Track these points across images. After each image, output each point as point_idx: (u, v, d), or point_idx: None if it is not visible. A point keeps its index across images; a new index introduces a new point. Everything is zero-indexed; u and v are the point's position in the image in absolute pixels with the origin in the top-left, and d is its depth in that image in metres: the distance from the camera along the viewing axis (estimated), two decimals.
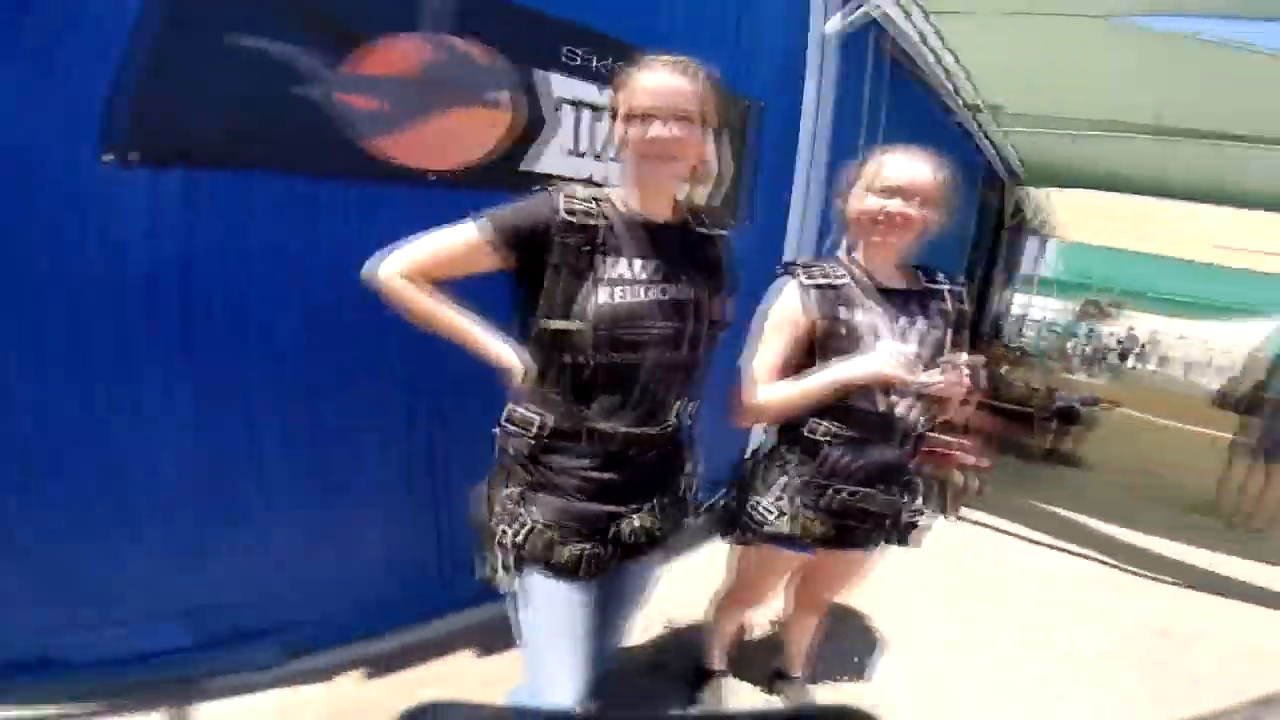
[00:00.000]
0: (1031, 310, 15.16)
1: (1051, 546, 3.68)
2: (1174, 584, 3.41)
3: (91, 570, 1.65)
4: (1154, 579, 3.42)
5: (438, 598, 2.25)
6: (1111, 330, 18.82)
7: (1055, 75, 4.03)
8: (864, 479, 1.47)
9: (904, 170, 1.40)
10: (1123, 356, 18.33)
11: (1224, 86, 3.56)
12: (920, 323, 1.47)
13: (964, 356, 1.39)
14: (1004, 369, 7.79)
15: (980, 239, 8.11)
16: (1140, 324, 19.37)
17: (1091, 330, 18.06)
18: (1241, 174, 5.09)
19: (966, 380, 1.36)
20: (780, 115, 3.00)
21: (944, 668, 2.44)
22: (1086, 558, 3.59)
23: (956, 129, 5.61)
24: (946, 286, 1.56)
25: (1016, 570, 3.35)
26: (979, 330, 8.79)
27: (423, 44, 1.74)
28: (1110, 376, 14.77)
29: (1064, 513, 4.26)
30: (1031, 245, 12.80)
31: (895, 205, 1.38)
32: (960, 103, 4.85)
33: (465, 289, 1.20)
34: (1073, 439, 5.68)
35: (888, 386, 1.41)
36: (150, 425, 1.61)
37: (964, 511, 3.84)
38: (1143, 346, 19.57)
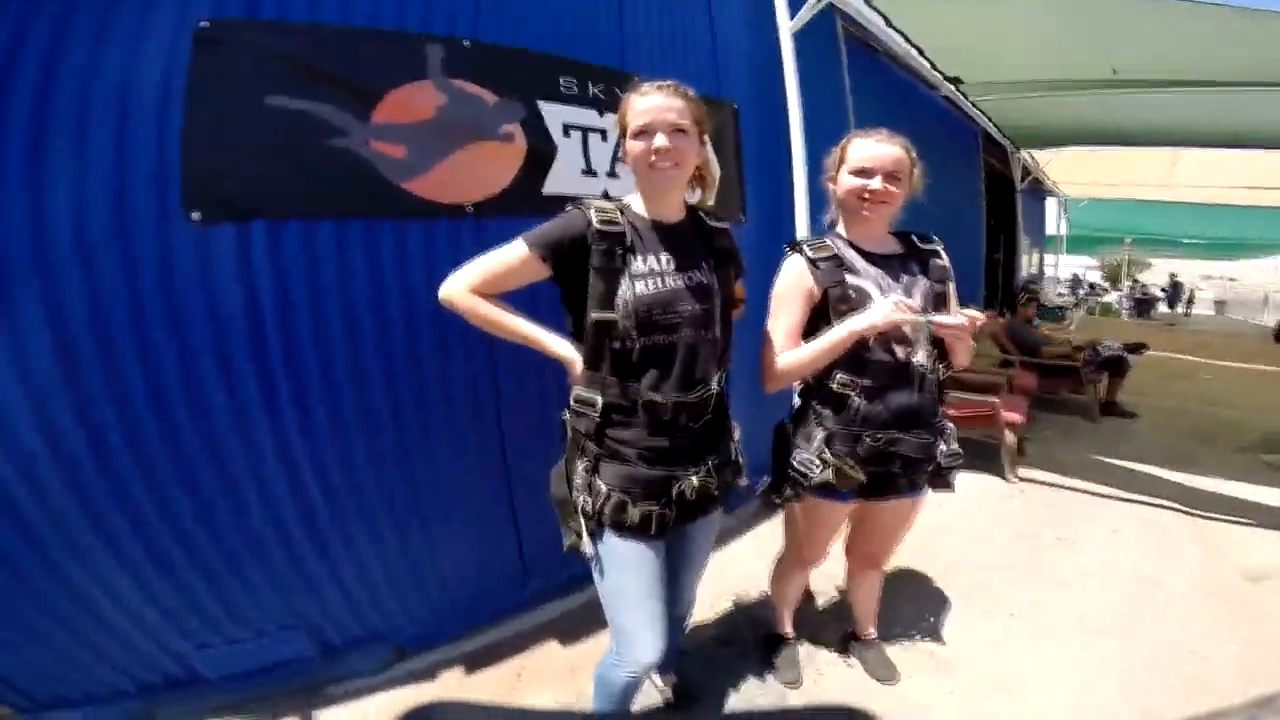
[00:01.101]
0: (1060, 269, 15.03)
1: (1117, 498, 3.56)
2: (1251, 524, 3.24)
3: (222, 593, 1.84)
4: (1233, 522, 3.28)
5: (521, 595, 2.41)
6: (1152, 281, 18.49)
7: (1008, 42, 4.15)
8: (891, 423, 1.58)
9: (869, 150, 1.57)
10: (1170, 304, 17.80)
11: (1177, 37, 3.65)
12: (918, 280, 1.61)
13: (967, 310, 1.53)
14: (1041, 328, 7.70)
15: (995, 203, 8.12)
16: (1172, 269, 19.09)
17: (1134, 280, 17.78)
18: (1212, 119, 5.24)
19: (965, 322, 1.48)
20: (761, 114, 3.15)
21: (1019, 626, 2.42)
22: (1155, 505, 3.46)
23: (943, 102, 5.71)
24: (936, 246, 1.69)
25: (1084, 525, 3.25)
26: (1012, 292, 8.70)
27: (434, 91, 1.95)
28: (1164, 324, 14.35)
29: (1126, 464, 4.14)
30: (1051, 206, 12.77)
31: (875, 183, 1.54)
32: (940, 77, 4.95)
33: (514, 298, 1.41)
34: (1123, 388, 5.54)
35: (899, 335, 1.54)
36: (263, 458, 1.80)
37: (1025, 473, 3.86)
38: (1191, 292, 18.99)
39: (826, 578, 2.53)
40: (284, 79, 1.71)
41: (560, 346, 1.40)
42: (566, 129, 2.21)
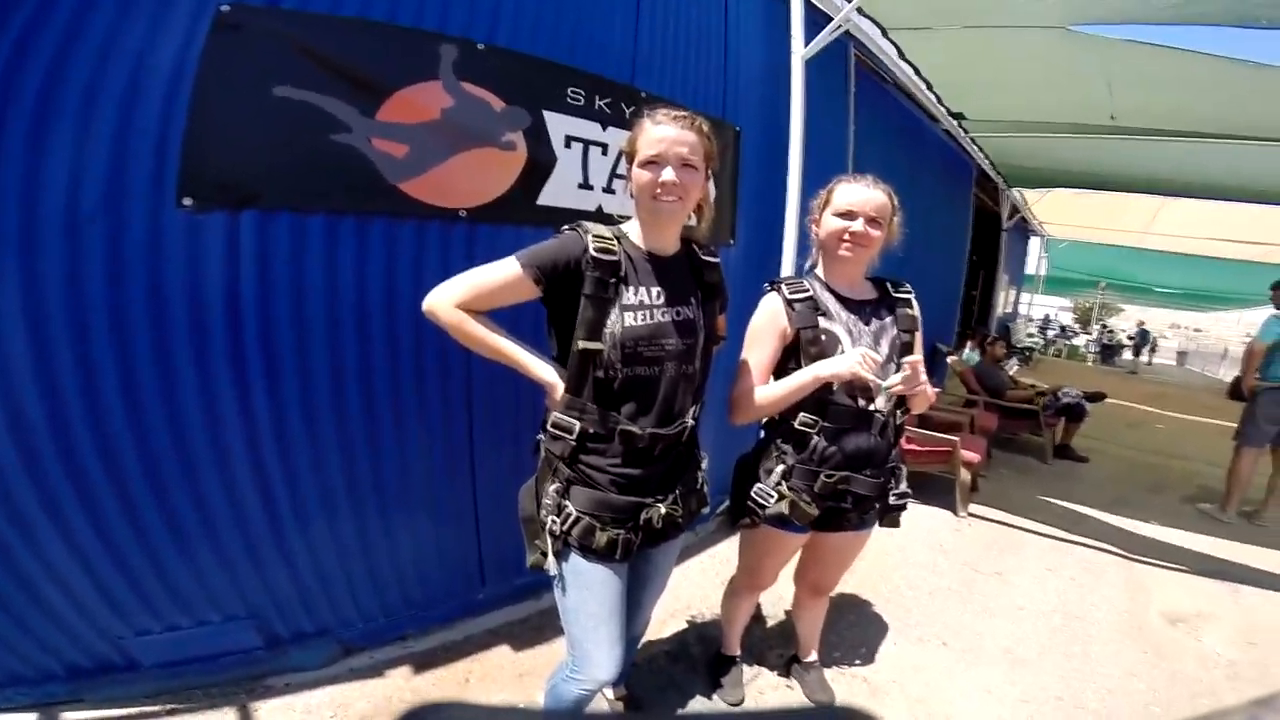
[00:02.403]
0: (1033, 309, 15.39)
1: (1058, 538, 3.74)
2: (1179, 569, 3.45)
3: (166, 577, 1.81)
4: (1163, 567, 3.47)
5: (475, 598, 2.43)
6: (1121, 326, 19.01)
7: (1014, 81, 4.28)
8: (847, 464, 1.65)
9: (854, 195, 1.62)
10: (1135, 352, 18.31)
11: (1174, 88, 3.80)
12: (886, 327, 1.69)
13: (915, 356, 1.61)
14: (1010, 368, 7.92)
15: (980, 239, 8.30)
16: (1142, 317, 19.66)
17: (1104, 326, 18.25)
18: (1202, 169, 5.46)
19: (922, 379, 1.56)
20: (762, 137, 3.18)
21: (950, 654, 2.53)
22: (1092, 546, 3.65)
23: (944, 136, 5.81)
24: (908, 295, 1.76)
25: (1023, 561, 3.42)
26: (985, 330, 8.92)
27: (442, 92, 1.94)
28: (1126, 371, 14.81)
29: (1071, 505, 4.33)
30: (1033, 245, 13.06)
31: (857, 226, 1.60)
32: (945, 111, 5.04)
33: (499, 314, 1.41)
34: (1078, 434, 5.76)
35: (861, 384, 1.60)
36: (227, 437, 1.78)
37: (975, 509, 4.01)
38: (1154, 341, 19.55)
39: (776, 600, 2.63)
40: (296, 70, 1.70)
41: (543, 370, 1.40)
42: (568, 140, 2.22)
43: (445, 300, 1.35)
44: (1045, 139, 5.43)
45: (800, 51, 3.11)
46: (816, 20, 3.20)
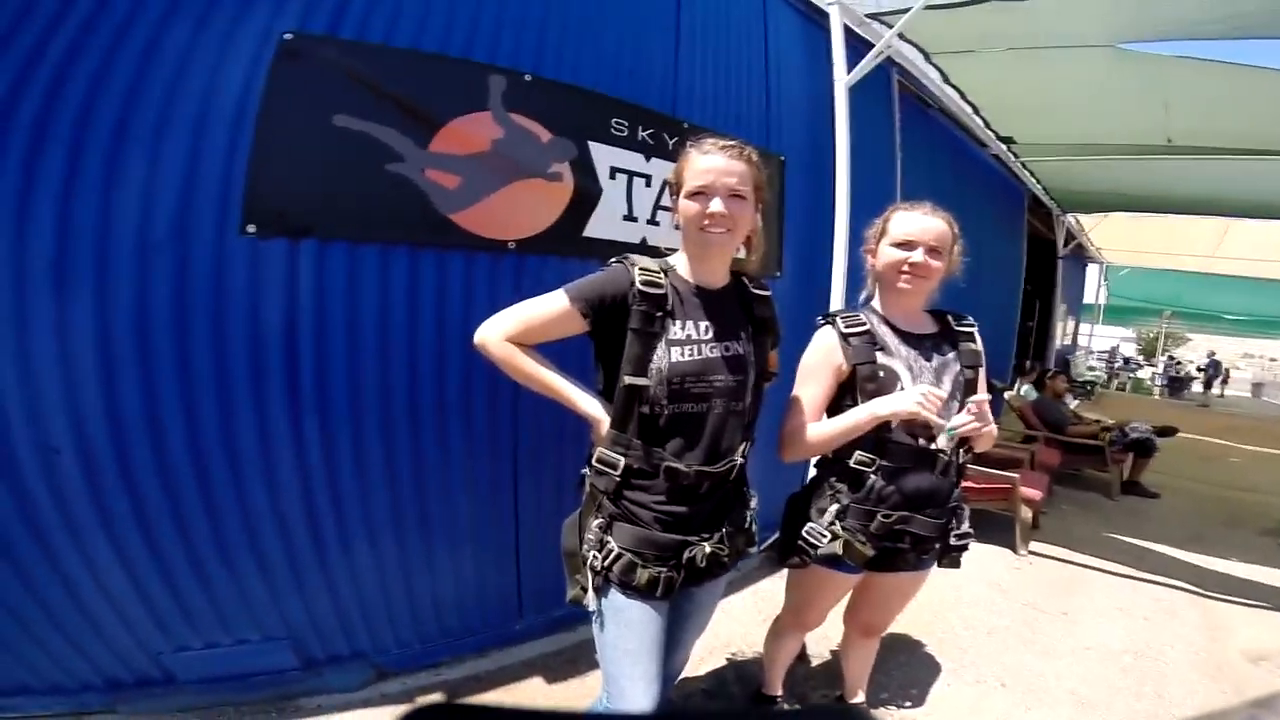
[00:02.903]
0: (1094, 340, 14.78)
1: (1126, 576, 3.54)
2: (1265, 608, 3.22)
3: (211, 595, 1.85)
4: (1242, 604, 3.26)
5: (512, 629, 2.41)
6: (1189, 357, 18.10)
7: (1064, 103, 4.17)
8: (906, 504, 1.57)
9: (913, 224, 1.56)
10: (1207, 384, 17.35)
11: (1233, 105, 3.66)
12: (949, 363, 1.61)
13: (980, 396, 1.53)
14: (1073, 404, 7.60)
15: (1035, 268, 8.04)
16: (1211, 347, 18.66)
17: (1170, 356, 17.41)
18: (1268, 188, 5.20)
19: (987, 419, 1.48)
20: (807, 166, 3.17)
21: (1009, 695, 2.39)
22: (1164, 584, 3.44)
23: (993, 161, 5.70)
24: (971, 328, 1.69)
25: (1089, 600, 3.23)
26: (1044, 364, 8.60)
27: (492, 123, 1.99)
28: (1197, 405, 14.03)
29: (1140, 542, 4.10)
30: (1091, 273, 12.59)
31: (917, 256, 1.54)
32: (993, 136, 4.95)
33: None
34: (1148, 470, 5.46)
35: (921, 423, 1.53)
36: (279, 462, 1.82)
37: (1037, 547, 3.82)
38: (1226, 372, 18.50)
39: (821, 638, 2.52)
40: (354, 99, 1.77)
41: (590, 405, 1.39)
42: (613, 172, 2.25)
43: (496, 334, 1.35)
44: (1099, 161, 5.25)
45: (843, 79, 3.11)
46: (857, 47, 3.21)
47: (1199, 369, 17.79)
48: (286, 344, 1.77)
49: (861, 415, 1.51)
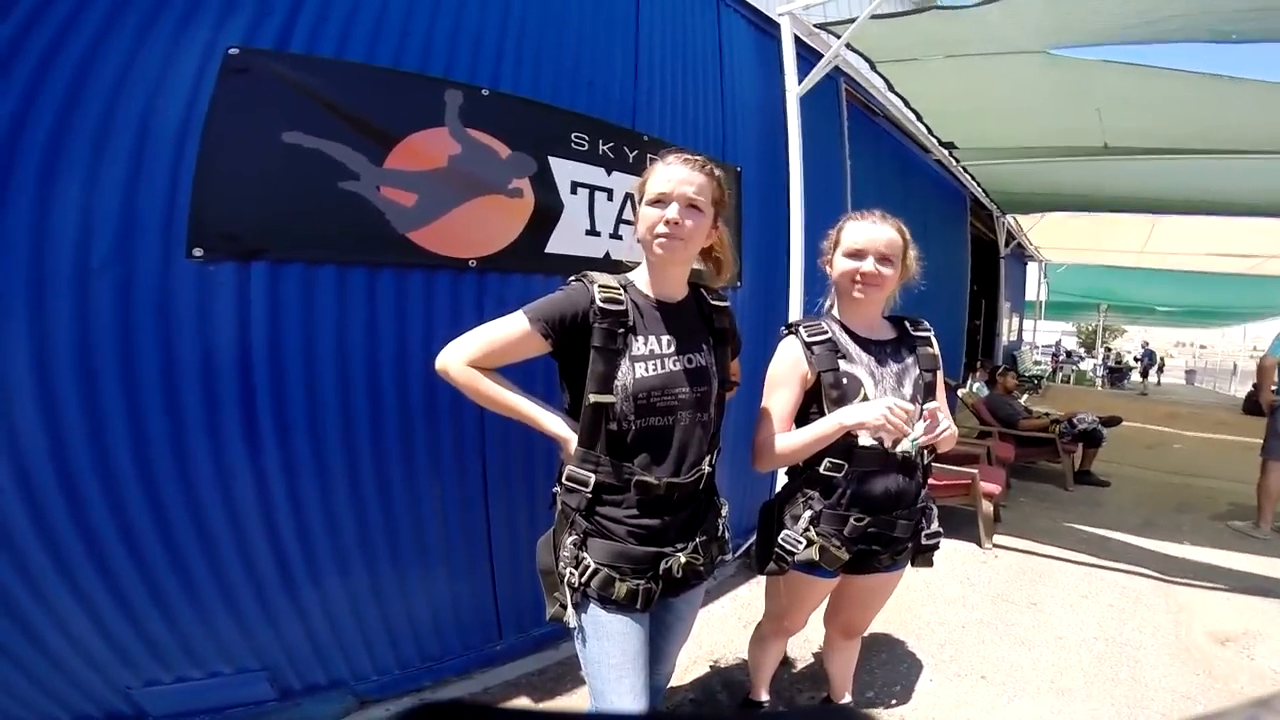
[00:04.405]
0: (1038, 335, 15.38)
1: (1089, 564, 3.65)
2: (1219, 588, 3.36)
3: (176, 629, 1.75)
4: (1201, 587, 3.38)
5: (493, 650, 2.36)
6: (1126, 348, 19.01)
7: (1002, 108, 4.36)
8: (877, 507, 1.60)
9: (862, 233, 1.60)
10: (1144, 374, 18.24)
11: (1156, 107, 3.88)
12: (909, 368, 1.65)
13: (933, 404, 1.57)
14: (1023, 398, 7.86)
15: (978, 268, 8.33)
16: (1145, 338, 19.66)
17: (1107, 349, 18.24)
18: (1191, 186, 5.52)
19: (943, 423, 1.52)
20: (762, 176, 3.22)
21: (990, 688, 2.43)
22: (1125, 571, 3.55)
23: (936, 166, 5.91)
24: (927, 333, 1.73)
25: (1056, 589, 3.32)
26: (993, 361, 8.90)
27: (449, 138, 1.95)
28: (1137, 393, 14.72)
29: (1098, 530, 4.24)
30: (1031, 271, 13.13)
31: (868, 266, 1.57)
32: (936, 141, 5.13)
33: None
34: (1099, 459, 5.68)
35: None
36: (238, 493, 1.74)
37: (1000, 539, 3.91)
38: (1161, 361, 19.49)
39: (803, 642, 2.53)
40: (304, 115, 1.71)
41: (556, 425, 1.38)
42: (574, 186, 2.23)
43: (457, 360, 1.35)
44: (1035, 163, 5.50)
45: (794, 89, 3.17)
46: (806, 57, 3.28)
47: (1135, 359, 18.68)
48: (241, 371, 1.70)
49: (829, 426, 1.53)
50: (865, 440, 1.57)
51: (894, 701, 2.33)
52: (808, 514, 1.62)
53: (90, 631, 1.65)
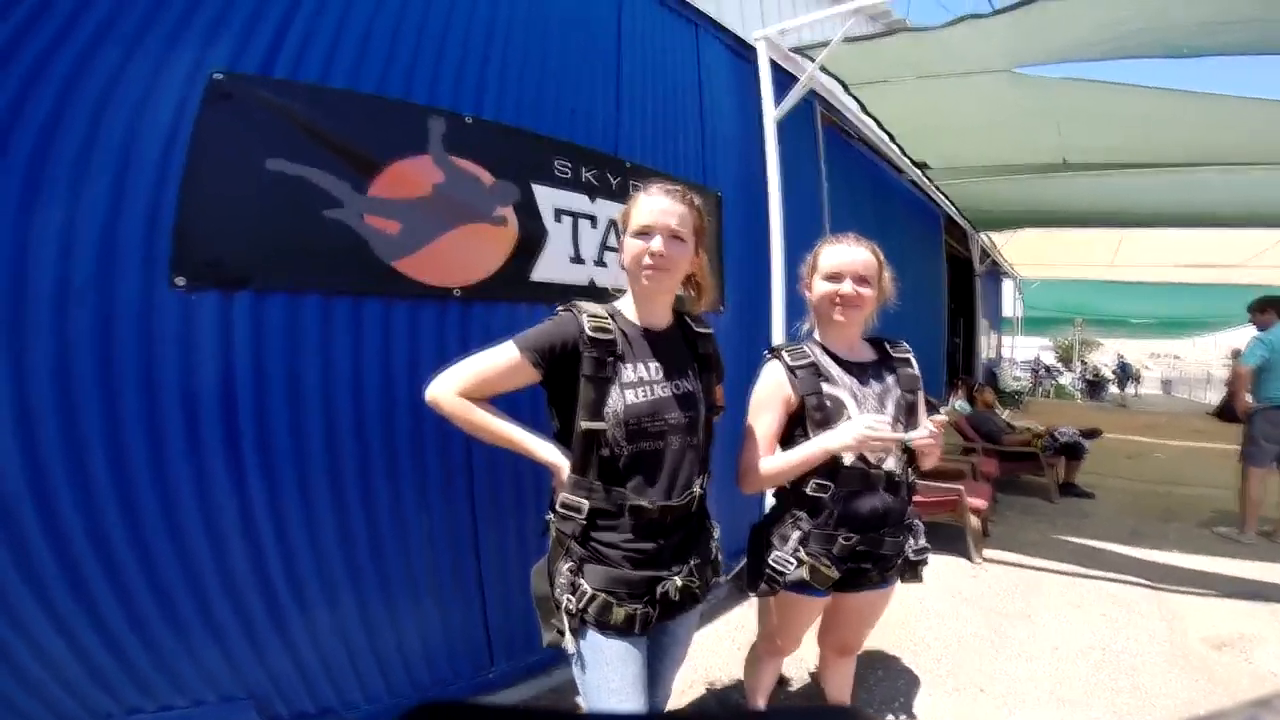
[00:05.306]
0: (1016, 351, 15.62)
1: (1079, 574, 3.66)
2: (1210, 594, 3.38)
3: (159, 658, 1.69)
4: (1192, 594, 3.40)
5: (485, 678, 2.31)
6: (1103, 361, 19.38)
7: (970, 127, 4.49)
8: (865, 525, 1.62)
9: (838, 256, 1.64)
10: (1121, 385, 18.56)
11: (1117, 123, 4.02)
12: (890, 389, 1.67)
13: (941, 416, 1.63)
14: (1004, 413, 7.95)
15: (955, 286, 8.47)
16: (1120, 350, 20.06)
17: (1083, 362, 18.56)
18: (1157, 199, 5.70)
19: (937, 436, 1.55)
20: (742, 200, 3.26)
21: (989, 701, 2.42)
22: (1115, 580, 3.57)
23: (910, 186, 6.04)
24: (907, 354, 1.77)
25: (1048, 600, 3.33)
26: (973, 378, 8.99)
27: (432, 166, 1.96)
28: (1115, 405, 14.95)
29: (1086, 541, 4.27)
30: (1007, 287, 13.38)
31: (846, 288, 1.61)
32: (909, 162, 5.25)
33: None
34: (1082, 471, 5.75)
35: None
36: (224, 525, 1.70)
37: (990, 553, 3.93)
38: (1138, 372, 19.86)
39: (799, 662, 2.51)
40: (288, 141, 1.71)
41: (548, 453, 1.39)
42: (558, 214, 2.24)
43: (447, 390, 1.37)
44: (1004, 180, 5.65)
45: (771, 113, 3.24)
46: (782, 81, 3.35)
47: (1112, 372, 19.02)
48: (224, 401, 1.67)
49: (813, 450, 1.56)
50: (849, 460, 1.60)
51: (894, 717, 2.31)
52: (796, 534, 1.63)
53: (69, 660, 1.58)
